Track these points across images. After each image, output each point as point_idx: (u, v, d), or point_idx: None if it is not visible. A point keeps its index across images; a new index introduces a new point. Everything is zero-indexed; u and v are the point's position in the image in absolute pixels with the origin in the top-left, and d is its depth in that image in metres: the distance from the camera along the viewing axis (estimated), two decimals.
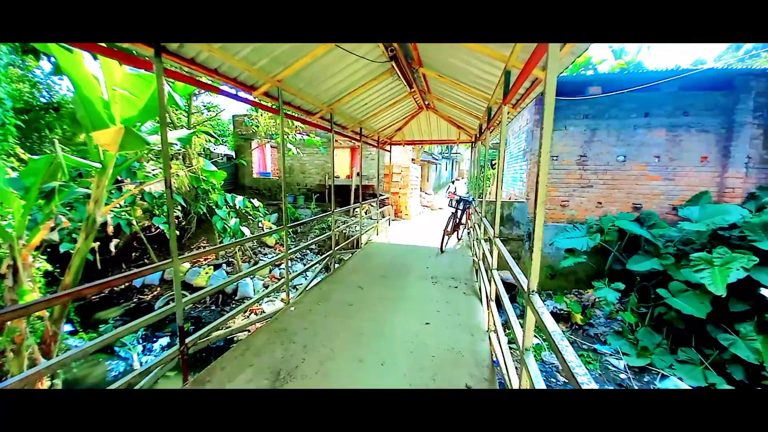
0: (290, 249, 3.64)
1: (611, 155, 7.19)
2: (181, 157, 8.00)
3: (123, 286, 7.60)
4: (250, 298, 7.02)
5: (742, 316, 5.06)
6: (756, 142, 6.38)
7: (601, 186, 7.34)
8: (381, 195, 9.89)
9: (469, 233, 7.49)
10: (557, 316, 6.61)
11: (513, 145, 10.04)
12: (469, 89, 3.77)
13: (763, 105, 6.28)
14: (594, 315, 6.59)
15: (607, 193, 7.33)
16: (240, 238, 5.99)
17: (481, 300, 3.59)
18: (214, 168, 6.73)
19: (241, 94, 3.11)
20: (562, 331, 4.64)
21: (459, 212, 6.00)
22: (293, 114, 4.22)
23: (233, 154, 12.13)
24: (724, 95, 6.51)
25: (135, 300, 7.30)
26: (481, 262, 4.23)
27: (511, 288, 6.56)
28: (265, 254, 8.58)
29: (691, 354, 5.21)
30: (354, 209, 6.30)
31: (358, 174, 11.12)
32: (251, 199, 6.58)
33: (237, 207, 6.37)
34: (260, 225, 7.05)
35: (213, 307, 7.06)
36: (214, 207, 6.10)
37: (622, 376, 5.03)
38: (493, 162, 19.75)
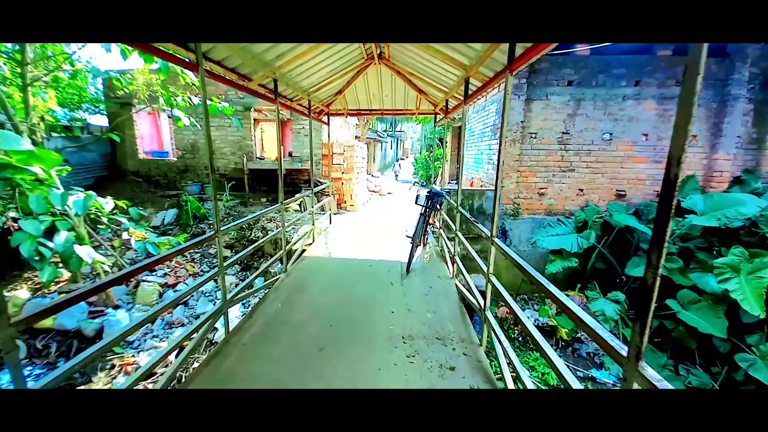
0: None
1: (597, 132, 6.01)
2: None
3: None
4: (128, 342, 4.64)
5: (751, 327, 4.28)
6: (746, 119, 5.63)
7: (584, 169, 6.19)
8: (320, 183, 7.74)
9: (433, 232, 5.85)
10: (540, 331, 5.42)
11: (475, 121, 8.55)
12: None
13: (756, 76, 5.47)
14: None
15: (590, 178, 6.21)
16: (74, 266, 3.52)
17: None
18: (26, 145, 4.02)
19: None
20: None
21: (428, 210, 4.26)
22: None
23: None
24: (718, 63, 5.60)
25: None
26: (480, 299, 2.55)
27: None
28: (154, 271, 6.05)
29: (702, 377, 4.33)
30: (282, 204, 3.98)
31: (290, 155, 8.75)
32: (105, 197, 4.04)
33: (74, 211, 3.81)
34: (127, 236, 4.50)
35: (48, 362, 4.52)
36: (21, 213, 3.50)
37: None
38: (442, 139, 18.44)
